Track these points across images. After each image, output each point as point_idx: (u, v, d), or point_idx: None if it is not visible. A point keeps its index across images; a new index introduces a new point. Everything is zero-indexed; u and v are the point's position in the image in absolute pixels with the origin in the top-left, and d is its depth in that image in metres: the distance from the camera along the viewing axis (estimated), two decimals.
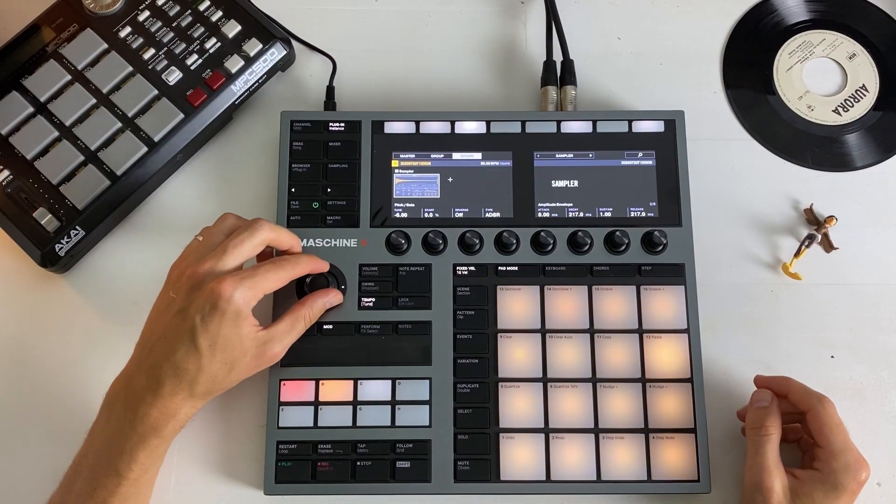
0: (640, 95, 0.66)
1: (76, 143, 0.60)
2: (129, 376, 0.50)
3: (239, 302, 0.49)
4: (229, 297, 0.49)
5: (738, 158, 0.65)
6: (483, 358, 0.57)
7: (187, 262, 0.52)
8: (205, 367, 0.49)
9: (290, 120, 0.61)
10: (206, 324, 0.49)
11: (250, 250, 0.52)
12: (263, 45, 0.62)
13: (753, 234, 0.63)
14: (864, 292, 0.61)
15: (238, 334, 0.50)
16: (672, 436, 0.55)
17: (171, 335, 0.49)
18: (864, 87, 0.67)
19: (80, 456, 0.51)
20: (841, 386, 0.59)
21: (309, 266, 0.55)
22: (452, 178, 0.60)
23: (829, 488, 0.50)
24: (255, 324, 0.51)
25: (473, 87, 0.67)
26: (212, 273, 0.50)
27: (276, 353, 0.52)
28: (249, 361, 0.51)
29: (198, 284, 0.50)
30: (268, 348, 0.52)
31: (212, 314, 0.49)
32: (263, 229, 0.52)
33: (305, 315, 0.54)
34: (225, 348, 0.49)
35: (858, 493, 0.51)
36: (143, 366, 0.50)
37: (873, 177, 0.65)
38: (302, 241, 0.57)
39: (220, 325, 0.49)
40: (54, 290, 0.61)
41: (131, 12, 0.63)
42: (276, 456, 0.55)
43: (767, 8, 0.69)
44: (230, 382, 0.51)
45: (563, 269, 0.58)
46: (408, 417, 0.55)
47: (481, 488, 0.54)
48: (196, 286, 0.50)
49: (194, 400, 0.50)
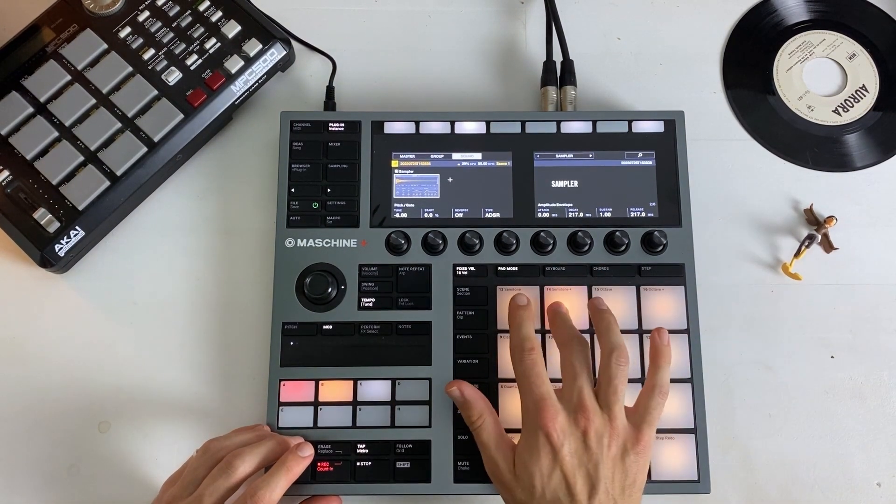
0: (640, 95, 0.66)
1: (76, 143, 0.60)
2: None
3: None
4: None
5: (737, 158, 0.65)
6: (483, 358, 0.57)
7: (172, 496, 0.50)
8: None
9: (290, 120, 0.61)
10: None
11: (227, 493, 0.49)
12: (263, 46, 0.62)
13: (753, 234, 0.63)
14: (864, 292, 0.61)
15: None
16: (672, 436, 0.55)
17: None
18: (864, 87, 0.67)
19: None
20: (841, 386, 0.59)
21: (300, 466, 0.52)
22: (452, 179, 0.60)
23: (525, 441, 0.50)
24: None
25: (473, 87, 0.67)
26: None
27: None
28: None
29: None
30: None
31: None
32: (243, 465, 0.50)
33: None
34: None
35: (559, 438, 0.48)
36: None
37: (873, 177, 0.65)
38: (302, 242, 0.58)
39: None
40: (54, 290, 0.61)
41: (131, 12, 0.63)
42: None
43: (767, 8, 0.69)
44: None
45: (563, 269, 0.58)
46: (408, 418, 0.55)
47: (481, 488, 0.54)
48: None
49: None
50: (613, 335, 0.53)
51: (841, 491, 0.57)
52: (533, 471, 0.49)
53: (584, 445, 0.49)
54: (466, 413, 0.53)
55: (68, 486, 0.57)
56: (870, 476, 0.58)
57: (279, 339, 0.57)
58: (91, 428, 0.58)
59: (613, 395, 0.51)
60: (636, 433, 0.50)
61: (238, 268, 0.62)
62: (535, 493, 0.49)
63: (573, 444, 0.49)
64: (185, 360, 0.60)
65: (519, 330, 0.53)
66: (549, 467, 0.49)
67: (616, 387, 0.51)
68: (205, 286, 0.61)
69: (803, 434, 0.58)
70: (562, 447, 0.48)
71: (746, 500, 0.57)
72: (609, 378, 0.51)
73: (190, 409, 0.59)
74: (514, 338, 0.53)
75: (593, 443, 0.49)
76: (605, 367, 0.52)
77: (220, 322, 0.60)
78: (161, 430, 0.58)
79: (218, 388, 0.59)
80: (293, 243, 0.59)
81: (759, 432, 0.58)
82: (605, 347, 0.52)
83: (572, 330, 0.54)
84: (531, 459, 0.49)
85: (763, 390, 0.59)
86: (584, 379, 0.51)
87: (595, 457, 0.49)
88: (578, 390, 0.50)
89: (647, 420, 0.51)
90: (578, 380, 0.51)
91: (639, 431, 0.50)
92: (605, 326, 0.53)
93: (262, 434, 0.54)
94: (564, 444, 0.48)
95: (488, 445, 0.51)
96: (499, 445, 0.51)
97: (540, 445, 0.49)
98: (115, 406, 0.59)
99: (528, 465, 0.49)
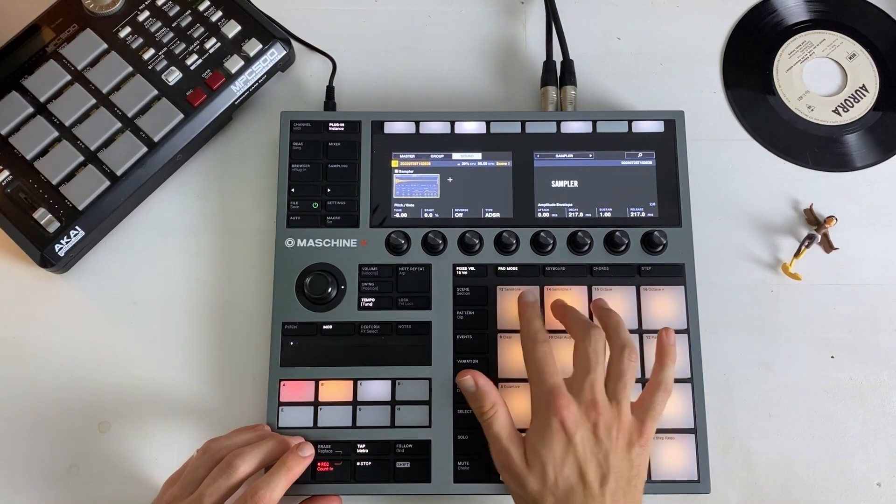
0: (640, 95, 0.66)
1: (76, 143, 0.60)
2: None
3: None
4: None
5: (737, 158, 0.65)
6: (483, 358, 0.57)
7: (172, 496, 0.50)
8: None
9: (290, 120, 0.61)
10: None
11: (227, 493, 0.50)
12: (263, 46, 0.62)
13: (753, 234, 0.63)
14: (864, 292, 0.61)
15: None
16: (672, 436, 0.55)
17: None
18: (864, 87, 0.67)
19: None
20: (841, 386, 0.59)
21: (301, 466, 0.52)
22: (452, 179, 0.60)
23: (537, 430, 0.50)
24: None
25: (473, 87, 0.67)
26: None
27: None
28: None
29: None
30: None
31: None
32: (244, 465, 0.50)
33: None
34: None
35: (573, 426, 0.49)
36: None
37: (873, 177, 0.65)
38: (302, 242, 0.58)
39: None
40: (54, 290, 0.61)
41: (131, 12, 0.63)
42: None
43: (767, 8, 0.69)
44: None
45: (563, 269, 0.58)
46: (408, 418, 0.55)
47: (481, 488, 0.55)
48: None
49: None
50: (623, 332, 0.53)
51: (841, 491, 0.57)
52: (546, 458, 0.49)
53: (594, 436, 0.49)
54: (478, 403, 0.53)
55: (68, 486, 0.57)
56: (870, 476, 0.58)
57: (279, 339, 0.57)
58: (91, 428, 0.58)
59: (623, 390, 0.51)
60: (640, 426, 0.51)
61: (238, 268, 0.62)
62: (547, 480, 0.49)
63: (584, 433, 0.49)
64: (185, 360, 0.60)
65: (530, 324, 0.54)
66: (561, 454, 0.49)
67: (626, 382, 0.51)
68: (205, 286, 0.61)
69: (803, 434, 0.58)
70: (574, 434, 0.49)
71: (746, 500, 0.57)
72: (620, 373, 0.51)
73: (190, 409, 0.59)
74: (526, 330, 0.54)
75: (603, 434, 0.49)
76: (615, 363, 0.52)
77: (220, 322, 0.60)
78: (161, 430, 0.58)
79: (218, 388, 0.59)
80: (293, 243, 0.59)
81: (759, 432, 0.58)
82: (615, 344, 0.53)
83: (587, 320, 0.54)
84: (544, 447, 0.49)
85: (763, 390, 0.59)
86: (598, 372, 0.51)
87: (605, 447, 0.49)
88: (591, 384, 0.50)
89: (651, 415, 0.51)
90: (592, 373, 0.51)
91: (643, 425, 0.51)
92: (614, 325, 0.54)
93: (262, 434, 0.54)
94: (577, 432, 0.49)
95: (500, 436, 0.51)
96: (511, 436, 0.51)
97: (553, 433, 0.49)
98: (115, 406, 0.59)
99: (541, 453, 0.49)
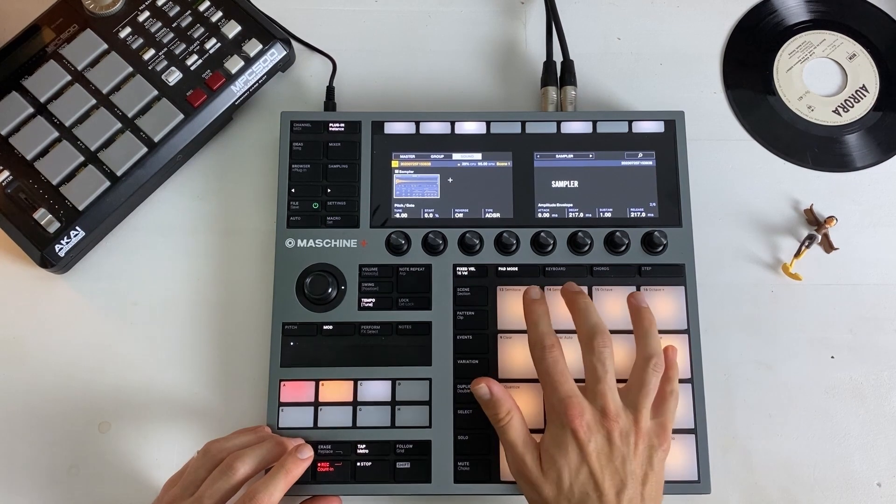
0: (640, 95, 0.66)
1: (76, 143, 0.60)
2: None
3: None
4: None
5: (738, 158, 0.65)
6: (483, 358, 0.57)
7: (172, 497, 0.51)
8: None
9: (290, 120, 0.61)
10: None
11: (227, 495, 0.50)
12: (263, 46, 0.62)
13: (753, 234, 0.63)
14: (864, 292, 0.61)
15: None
16: (672, 436, 0.55)
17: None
18: (864, 87, 0.67)
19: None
20: (841, 386, 0.59)
21: (299, 468, 0.52)
22: (452, 179, 0.60)
23: (552, 437, 0.50)
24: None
25: (473, 88, 0.67)
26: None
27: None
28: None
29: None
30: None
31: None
32: (243, 467, 0.50)
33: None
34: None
35: (586, 435, 0.49)
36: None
37: (873, 177, 0.65)
38: (302, 242, 0.58)
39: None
40: (54, 290, 0.61)
41: (131, 13, 0.63)
42: None
43: (767, 8, 0.69)
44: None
45: (563, 269, 0.58)
46: (408, 418, 0.55)
47: (481, 488, 0.55)
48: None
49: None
50: (653, 339, 0.53)
51: (841, 491, 0.57)
52: (561, 465, 0.49)
53: (609, 444, 0.49)
54: (493, 411, 0.52)
55: (68, 486, 0.57)
56: (870, 476, 0.58)
57: (279, 339, 0.57)
58: (91, 428, 0.58)
59: (644, 399, 0.51)
60: (660, 430, 0.51)
61: (238, 268, 0.62)
62: (563, 487, 0.49)
63: (599, 441, 0.49)
64: (185, 361, 0.60)
65: (537, 327, 0.53)
66: (576, 463, 0.49)
67: (648, 392, 0.51)
68: (205, 286, 0.61)
69: (803, 434, 0.58)
70: (588, 443, 0.49)
71: (746, 500, 0.57)
72: (643, 383, 0.51)
73: (190, 410, 0.59)
74: (533, 334, 0.53)
75: (619, 441, 0.49)
76: (640, 371, 0.52)
77: (220, 322, 0.60)
78: (161, 431, 0.58)
79: (218, 389, 0.59)
80: (293, 243, 0.59)
81: (759, 432, 0.58)
82: (643, 352, 0.52)
83: (594, 324, 0.52)
84: (559, 454, 0.49)
85: (763, 390, 0.59)
86: (608, 382, 0.51)
87: (622, 454, 0.49)
88: (602, 394, 0.50)
89: (668, 420, 0.52)
90: (601, 383, 0.50)
91: (662, 428, 0.51)
92: (645, 331, 0.53)
93: (262, 436, 0.54)
94: (591, 441, 0.49)
95: (515, 443, 0.51)
96: (526, 443, 0.51)
97: (567, 441, 0.49)
98: (115, 406, 0.59)
99: (556, 460, 0.49)
